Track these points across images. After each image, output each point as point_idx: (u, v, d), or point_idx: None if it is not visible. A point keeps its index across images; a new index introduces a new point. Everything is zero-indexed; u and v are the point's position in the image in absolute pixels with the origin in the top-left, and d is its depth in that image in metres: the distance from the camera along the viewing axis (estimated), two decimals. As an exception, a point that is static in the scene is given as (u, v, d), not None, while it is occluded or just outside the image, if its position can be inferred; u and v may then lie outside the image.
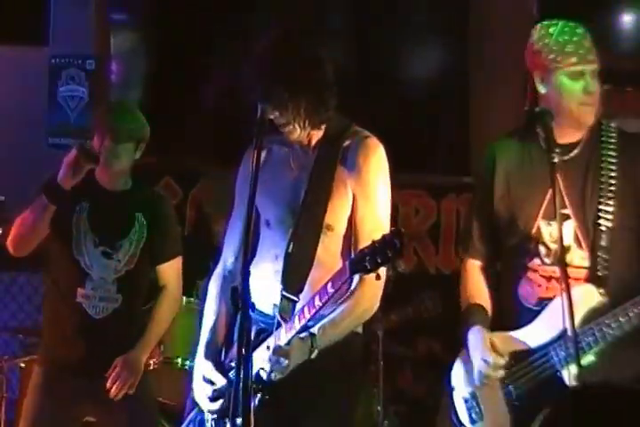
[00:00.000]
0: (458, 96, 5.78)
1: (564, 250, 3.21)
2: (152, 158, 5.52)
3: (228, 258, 3.47)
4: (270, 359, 3.06)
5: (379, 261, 2.80)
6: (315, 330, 3.12)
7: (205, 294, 3.52)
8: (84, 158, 3.92)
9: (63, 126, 6.51)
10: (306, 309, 3.07)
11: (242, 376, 2.78)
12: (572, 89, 3.29)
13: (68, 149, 4.01)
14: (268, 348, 3.11)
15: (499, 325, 3.44)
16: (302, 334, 3.11)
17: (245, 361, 2.82)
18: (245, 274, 2.88)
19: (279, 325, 3.15)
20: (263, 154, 3.28)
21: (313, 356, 3.11)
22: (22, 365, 5.18)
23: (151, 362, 4.83)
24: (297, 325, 3.08)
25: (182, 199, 6.33)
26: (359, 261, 2.87)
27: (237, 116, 5.69)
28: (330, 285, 3.01)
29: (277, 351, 3.07)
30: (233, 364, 3.08)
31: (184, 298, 4.90)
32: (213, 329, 3.40)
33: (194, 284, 5.18)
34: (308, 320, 3.07)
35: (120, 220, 4.16)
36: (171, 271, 4.27)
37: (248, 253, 2.96)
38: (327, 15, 6.09)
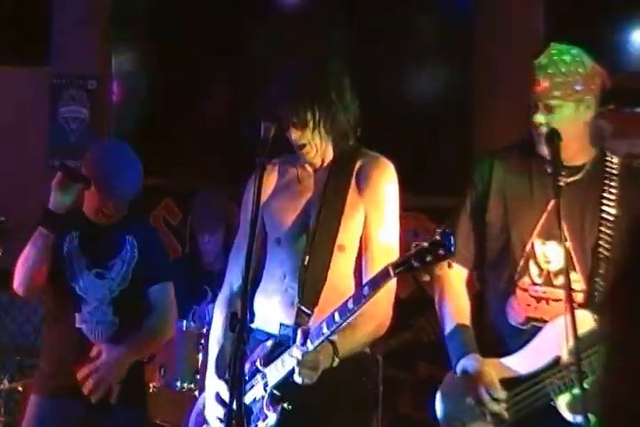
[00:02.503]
0: (459, 117, 5.76)
1: (569, 275, 3.15)
2: (152, 181, 5.54)
3: (234, 281, 3.43)
4: (300, 366, 3.04)
5: (427, 259, 2.76)
6: (334, 338, 3.10)
7: (204, 318, 3.51)
8: (70, 178, 3.89)
9: (64, 147, 6.49)
10: (336, 314, 3.02)
11: (237, 398, 2.81)
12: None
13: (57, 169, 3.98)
14: (293, 356, 3.08)
15: (482, 342, 3.37)
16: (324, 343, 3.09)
17: (239, 384, 2.85)
18: (246, 299, 2.90)
19: (302, 337, 3.10)
20: (273, 175, 3.37)
21: (335, 364, 3.10)
22: (20, 388, 5.15)
23: (151, 385, 4.82)
24: (326, 330, 3.02)
25: (182, 221, 6.31)
26: (405, 260, 2.83)
27: (238, 138, 5.73)
28: (367, 287, 2.96)
29: (307, 358, 3.05)
30: (245, 379, 3.13)
31: (184, 322, 4.90)
32: (222, 350, 3.38)
33: (190, 308, 5.15)
34: (340, 324, 3.01)
35: (110, 241, 4.13)
36: (160, 295, 4.23)
37: (248, 278, 2.97)
38: (328, 35, 6.08)
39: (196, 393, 4.63)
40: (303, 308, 3.20)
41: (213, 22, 6.27)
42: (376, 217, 3.24)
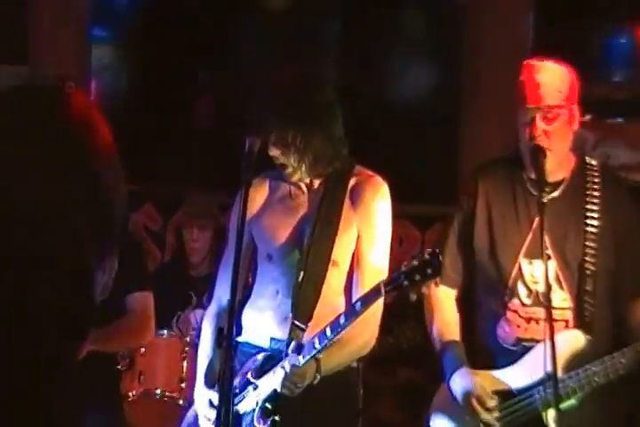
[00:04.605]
0: (446, 125, 5.76)
1: (549, 294, 3.19)
2: (133, 185, 5.48)
3: (223, 296, 3.43)
4: (285, 377, 3.12)
5: (417, 278, 2.85)
6: (320, 356, 3.16)
7: (188, 324, 3.51)
8: None
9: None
10: (328, 329, 3.11)
11: (226, 413, 2.82)
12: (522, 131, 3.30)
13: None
14: (284, 368, 3.16)
15: (474, 363, 3.41)
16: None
17: (227, 398, 2.87)
18: (233, 314, 2.93)
19: (294, 349, 3.18)
20: (264, 190, 3.39)
21: (315, 381, 3.16)
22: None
23: (130, 393, 4.78)
24: (317, 345, 3.12)
25: (162, 226, 6.26)
26: (395, 279, 2.92)
27: (223, 142, 5.68)
28: (359, 303, 3.05)
29: (295, 371, 3.13)
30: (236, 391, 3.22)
31: (165, 331, 4.86)
32: (210, 364, 3.40)
33: (174, 314, 5.10)
34: (331, 340, 3.10)
35: None
36: (138, 302, 4.19)
37: (236, 292, 2.99)
38: (316, 45, 6.06)
39: (180, 402, 4.61)
40: (297, 323, 3.23)
41: (199, 22, 6.22)
42: (368, 237, 3.28)
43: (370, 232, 3.28)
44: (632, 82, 5.82)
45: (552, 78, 3.25)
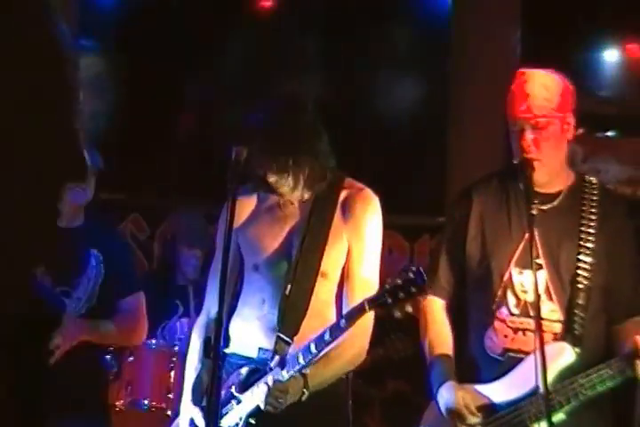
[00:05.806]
0: (435, 137, 5.78)
1: (539, 304, 3.13)
2: (120, 195, 5.48)
3: (212, 308, 3.40)
4: (268, 393, 3.09)
5: (401, 296, 2.83)
6: (306, 371, 3.12)
7: (175, 333, 3.49)
8: None
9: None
10: (312, 345, 3.07)
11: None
12: (513, 141, 3.28)
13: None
14: (267, 383, 3.12)
15: (460, 372, 3.37)
16: (295, 375, 3.13)
17: (214, 409, 2.87)
18: (221, 325, 2.91)
19: (277, 363, 3.16)
20: (253, 199, 3.37)
21: (304, 398, 3.12)
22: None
23: (117, 403, 4.75)
24: (302, 360, 3.08)
25: (149, 236, 6.25)
26: (379, 296, 2.89)
27: (208, 155, 5.70)
28: (343, 320, 3.02)
29: (277, 386, 3.09)
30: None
31: (153, 341, 4.84)
32: (198, 376, 3.36)
33: (161, 323, 5.08)
34: (315, 356, 3.07)
35: (75, 257, 4.05)
36: (131, 305, 4.18)
37: (224, 304, 2.95)
38: (307, 62, 6.08)
39: (169, 413, 4.58)
40: (283, 336, 3.21)
41: (185, 34, 6.23)
42: (359, 250, 3.27)
43: (360, 245, 3.27)
44: (620, 97, 5.83)
45: (540, 88, 3.23)
